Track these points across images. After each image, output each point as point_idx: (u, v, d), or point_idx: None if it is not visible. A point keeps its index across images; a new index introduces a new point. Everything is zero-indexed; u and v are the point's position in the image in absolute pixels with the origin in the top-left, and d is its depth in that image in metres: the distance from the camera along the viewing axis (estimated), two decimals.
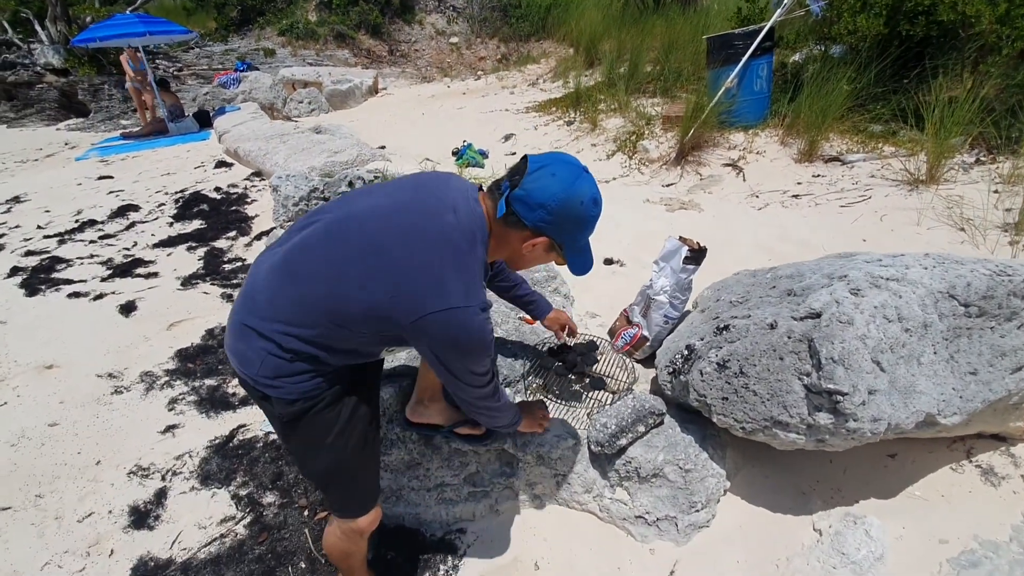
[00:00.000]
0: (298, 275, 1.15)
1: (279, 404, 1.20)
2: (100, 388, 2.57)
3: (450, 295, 1.08)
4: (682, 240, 2.07)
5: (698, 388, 1.60)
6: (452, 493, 1.80)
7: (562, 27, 12.12)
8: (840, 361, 1.32)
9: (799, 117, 4.82)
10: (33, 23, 11.71)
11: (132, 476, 2.10)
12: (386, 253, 1.11)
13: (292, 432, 1.25)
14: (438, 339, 1.11)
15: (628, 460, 1.66)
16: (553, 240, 1.17)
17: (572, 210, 1.14)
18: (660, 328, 2.12)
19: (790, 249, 3.18)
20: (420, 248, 1.11)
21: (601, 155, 5.99)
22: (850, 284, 1.48)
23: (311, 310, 1.14)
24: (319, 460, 1.29)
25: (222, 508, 1.96)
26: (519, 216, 1.14)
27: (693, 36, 7.28)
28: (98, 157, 7.66)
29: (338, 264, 1.12)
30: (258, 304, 1.18)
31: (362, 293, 1.10)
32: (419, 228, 1.12)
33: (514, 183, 1.14)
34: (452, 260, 1.10)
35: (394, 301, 1.09)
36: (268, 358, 1.16)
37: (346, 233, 1.16)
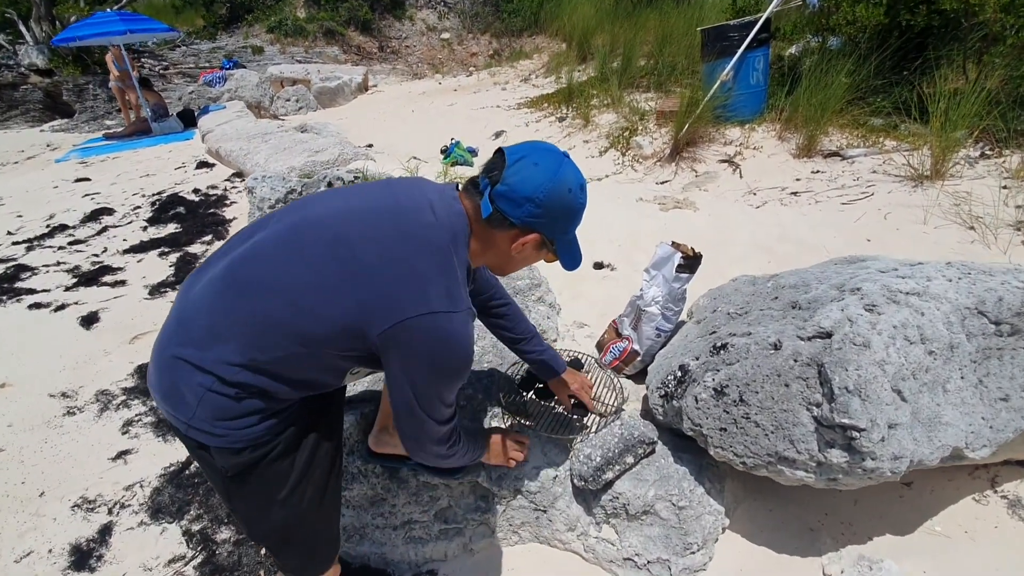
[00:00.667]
0: (247, 289, 0.97)
1: (222, 455, 1.00)
2: (52, 409, 2.39)
3: (431, 299, 0.95)
4: (675, 246, 1.90)
5: (693, 416, 1.42)
6: (421, 531, 1.62)
7: (555, 22, 11.93)
8: (856, 391, 1.14)
9: (797, 111, 4.64)
10: (18, 24, 11.46)
11: (76, 509, 1.92)
12: (356, 256, 0.96)
13: (238, 489, 1.05)
14: (414, 351, 0.96)
15: (615, 496, 1.49)
16: (544, 236, 1.06)
17: (561, 200, 1.03)
18: (652, 342, 1.94)
19: (790, 249, 3.00)
20: (395, 249, 0.97)
21: (593, 152, 5.82)
22: (865, 299, 1.31)
23: (265, 330, 0.95)
24: (271, 519, 1.09)
25: (171, 546, 1.78)
26: (505, 214, 1.02)
27: (687, 29, 7.10)
28: (79, 158, 7.44)
29: (298, 272, 0.96)
30: (193, 330, 0.98)
31: (329, 304, 0.94)
32: (393, 228, 0.99)
33: (494, 179, 1.03)
34: (432, 261, 0.98)
35: (367, 309, 0.94)
36: (208, 396, 0.96)
37: (307, 237, 0.99)
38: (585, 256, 3.14)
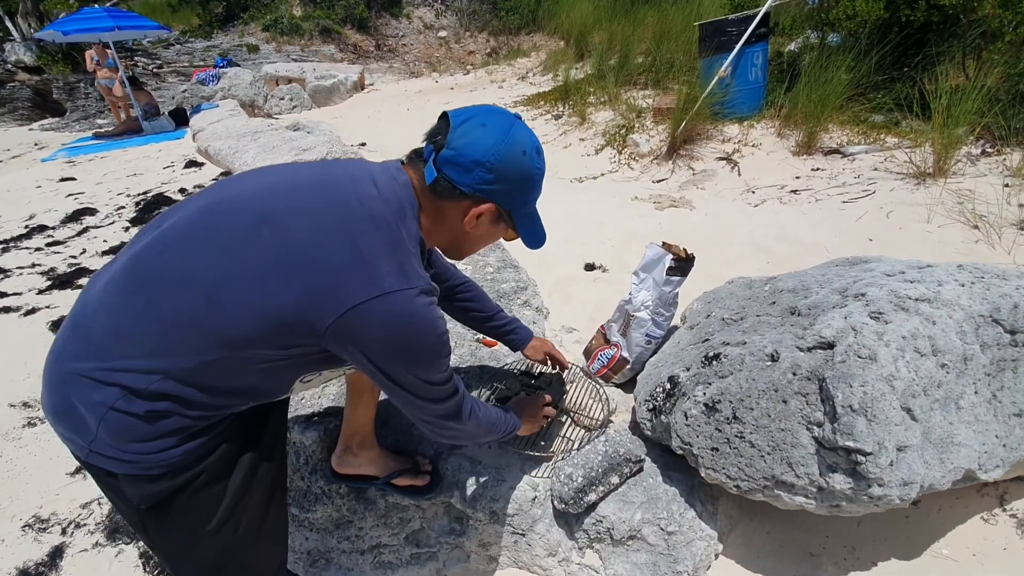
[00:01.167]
0: (153, 284, 0.83)
1: (133, 484, 0.84)
2: (11, 420, 2.27)
3: (382, 278, 0.82)
4: (666, 247, 1.78)
5: (682, 434, 1.30)
6: (391, 555, 1.51)
7: (553, 20, 11.82)
8: (861, 410, 1.02)
9: (796, 107, 4.53)
10: (5, 21, 11.33)
11: (28, 530, 1.80)
12: (285, 238, 0.82)
13: (156, 523, 0.89)
14: (374, 340, 0.83)
15: (599, 519, 1.37)
16: (499, 206, 0.94)
17: (515, 163, 0.92)
18: (642, 349, 1.82)
19: (789, 249, 2.88)
20: (333, 226, 0.84)
21: (590, 150, 5.71)
22: (870, 306, 1.19)
23: (178, 333, 0.81)
24: (199, 555, 0.93)
25: (127, 570, 1.67)
26: (453, 183, 0.90)
27: (685, 25, 7.00)
28: (66, 158, 7.33)
29: (212, 262, 0.82)
30: (92, 338, 0.83)
31: (254, 296, 0.80)
32: (329, 203, 0.86)
33: (438, 144, 0.91)
34: (378, 237, 0.85)
35: (307, 300, 0.80)
36: (110, 416, 0.80)
37: (222, 220, 0.84)
38: (576, 257, 3.00)
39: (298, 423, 1.49)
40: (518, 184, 0.94)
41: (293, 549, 1.55)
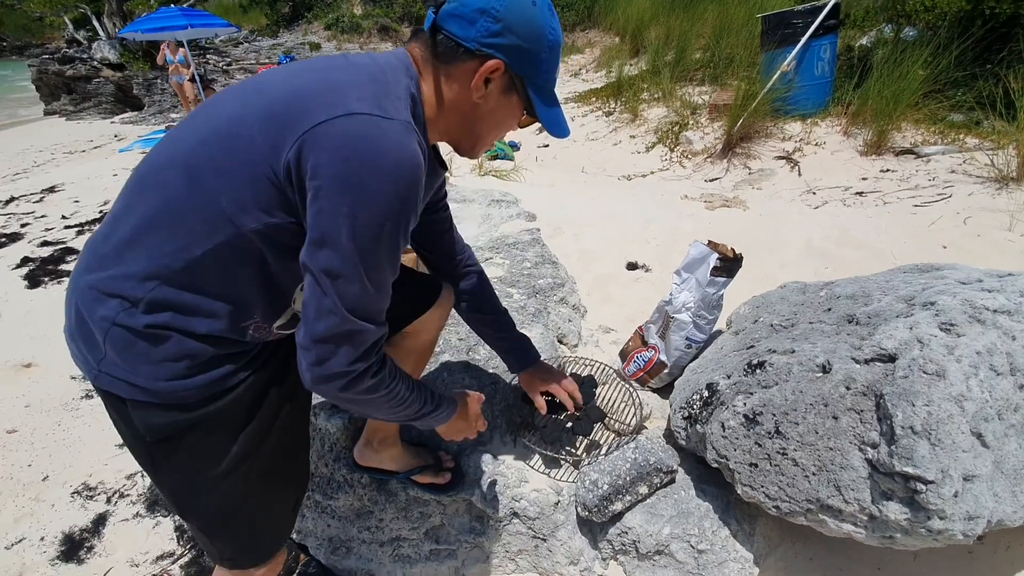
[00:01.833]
0: (146, 179, 0.80)
1: (141, 412, 0.79)
2: (70, 392, 2.40)
3: (350, 101, 0.72)
4: (711, 245, 1.67)
5: (718, 446, 1.21)
6: (410, 549, 1.48)
7: (609, 16, 11.61)
8: (924, 432, 0.91)
9: (866, 104, 4.23)
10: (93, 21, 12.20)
11: (76, 496, 1.89)
12: (263, 93, 0.78)
13: (164, 458, 0.83)
14: (328, 162, 0.70)
15: (624, 530, 1.29)
16: (509, 67, 0.82)
17: (524, 13, 0.80)
18: (681, 353, 1.73)
19: (851, 255, 2.68)
20: (312, 70, 0.79)
21: (640, 147, 5.56)
22: (941, 316, 1.06)
23: (167, 221, 0.76)
24: (204, 498, 0.88)
25: (162, 542, 1.72)
26: (456, 37, 0.80)
27: (748, 19, 6.70)
28: (141, 149, 7.80)
29: (197, 134, 0.78)
30: (97, 247, 0.80)
31: (232, 151, 0.74)
32: (319, 66, 0.81)
33: (439, 2, 0.81)
34: (356, 74, 0.78)
35: (274, 136, 0.72)
36: (114, 331, 0.76)
37: (218, 105, 0.81)
38: (618, 255, 2.89)
39: (324, 410, 1.49)
40: (529, 40, 0.81)
41: (316, 534, 1.55)
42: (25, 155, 8.54)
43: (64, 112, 11.65)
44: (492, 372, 1.65)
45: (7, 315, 3.03)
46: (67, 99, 11.73)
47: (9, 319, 2.99)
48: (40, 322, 2.94)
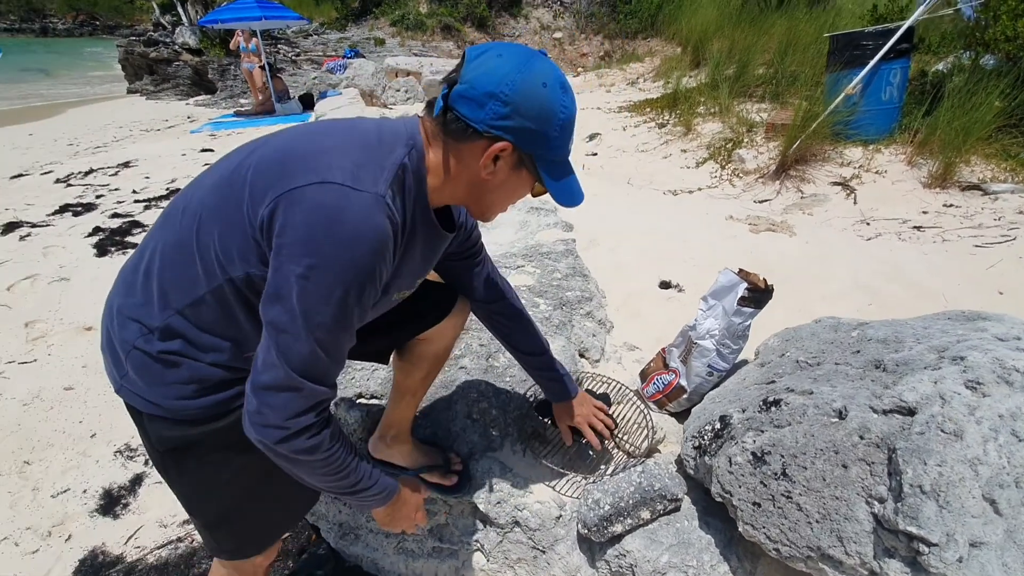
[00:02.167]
0: (170, 217, 0.89)
1: (154, 425, 0.88)
2: None
3: (329, 170, 0.77)
4: (742, 274, 1.64)
5: (723, 481, 1.20)
6: (414, 544, 1.53)
7: (672, 25, 11.43)
8: (932, 493, 0.88)
9: (935, 134, 4.02)
10: (178, 6, 12.95)
11: (118, 455, 2.04)
12: (268, 144, 0.87)
13: (174, 465, 0.93)
14: (292, 225, 0.75)
15: (622, 553, 1.30)
16: (517, 147, 0.85)
17: (533, 96, 0.81)
18: (701, 380, 1.71)
19: (899, 293, 2.57)
20: (310, 136, 0.86)
21: (690, 162, 5.46)
22: (968, 372, 1.02)
23: (178, 259, 0.85)
24: (210, 501, 0.97)
25: None
26: (465, 119, 0.82)
27: (817, 36, 6.47)
28: (210, 131, 8.24)
29: (211, 181, 0.87)
30: (127, 274, 0.91)
31: (226, 201, 0.82)
32: (319, 127, 0.88)
33: (451, 80, 0.84)
34: (351, 142, 0.83)
35: (256, 192, 0.79)
36: (133, 354, 0.85)
37: (237, 153, 0.90)
38: (652, 272, 2.86)
39: (344, 401, 1.56)
40: (538, 121, 0.83)
41: (327, 518, 1.62)
42: (106, 130, 9.16)
43: (144, 91, 12.42)
44: (510, 379, 1.68)
45: (75, 279, 3.28)
46: (148, 79, 12.50)
47: (77, 283, 3.24)
48: (104, 288, 3.14)
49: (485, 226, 2.92)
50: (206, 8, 12.80)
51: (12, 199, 4.96)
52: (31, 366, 2.48)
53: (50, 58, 22.99)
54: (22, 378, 2.40)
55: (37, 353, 2.57)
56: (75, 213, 4.45)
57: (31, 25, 39.13)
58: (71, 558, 1.66)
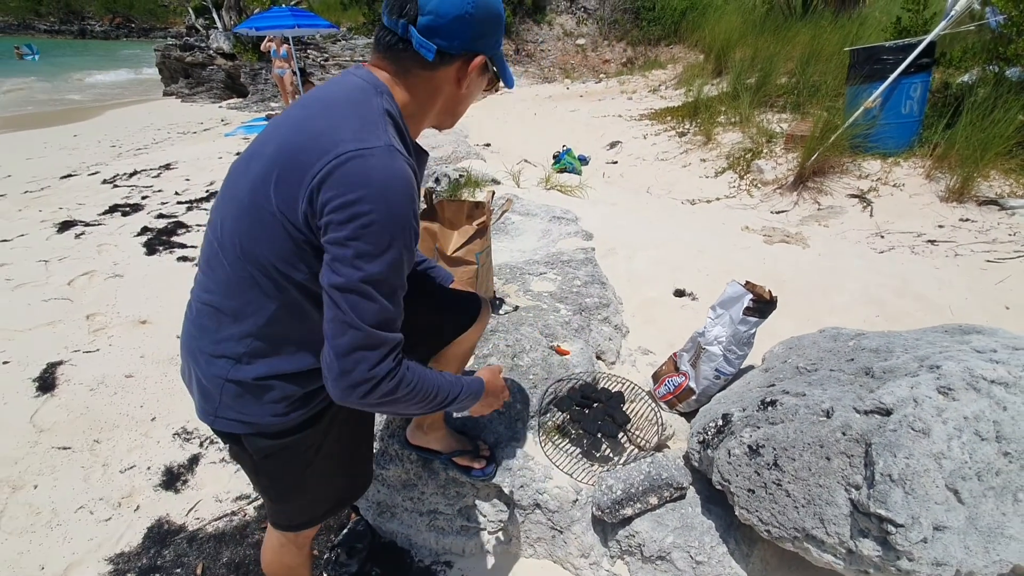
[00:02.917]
0: (219, 252, 0.93)
1: (252, 441, 0.99)
2: (176, 348, 2.80)
3: (337, 144, 0.82)
4: (748, 286, 1.79)
5: (723, 470, 1.35)
6: (444, 522, 1.70)
7: (695, 32, 11.48)
8: (900, 481, 1.02)
9: (953, 148, 4.08)
10: (212, 12, 13.41)
11: (176, 437, 2.25)
12: (266, 154, 0.89)
13: (268, 468, 1.05)
14: (333, 198, 0.80)
15: (632, 533, 1.45)
16: (485, 56, 0.93)
17: (486, 7, 0.90)
18: (709, 383, 1.85)
19: (907, 306, 2.67)
20: (295, 128, 0.89)
21: (709, 172, 5.57)
22: (941, 379, 1.15)
23: (240, 282, 0.91)
24: (288, 489, 1.11)
25: (241, 485, 2.04)
26: (441, 48, 0.89)
27: (841, 46, 6.51)
28: (243, 134, 8.57)
29: (234, 207, 0.92)
30: (195, 317, 0.99)
31: (259, 213, 0.86)
32: (293, 116, 0.92)
33: (408, 14, 0.87)
34: (335, 116, 0.86)
35: (285, 192, 0.84)
36: (227, 387, 0.95)
37: (236, 175, 0.94)
38: (667, 281, 3.04)
39: None
40: (493, 26, 0.92)
41: (366, 498, 1.81)
42: (146, 132, 9.57)
43: (180, 94, 12.89)
44: (532, 376, 1.84)
45: (128, 276, 3.54)
46: (184, 82, 12.97)
47: (130, 280, 3.49)
48: (154, 285, 3.41)
49: (509, 234, 3.10)
50: (240, 14, 13.24)
51: (64, 199, 5.28)
52: (95, 355, 2.72)
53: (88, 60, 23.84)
54: (87, 366, 2.64)
55: (99, 343, 2.81)
56: (124, 213, 4.74)
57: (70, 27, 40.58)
58: (140, 526, 1.87)
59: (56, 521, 1.88)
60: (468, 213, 1.96)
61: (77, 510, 1.91)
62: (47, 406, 2.38)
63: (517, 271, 2.51)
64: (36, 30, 39.61)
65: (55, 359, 2.67)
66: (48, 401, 2.41)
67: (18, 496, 1.97)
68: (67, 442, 2.19)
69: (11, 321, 2.99)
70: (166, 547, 1.80)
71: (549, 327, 2.07)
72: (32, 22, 40.57)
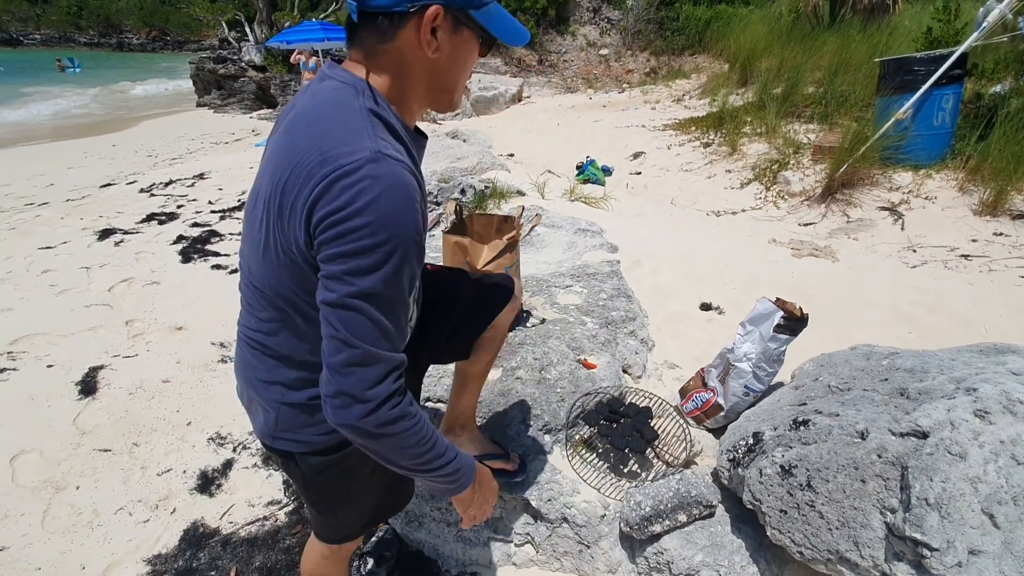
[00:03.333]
0: (252, 302, 0.98)
1: (305, 459, 1.03)
2: (211, 355, 2.90)
3: (327, 162, 0.77)
4: (779, 303, 1.78)
5: (754, 490, 1.34)
6: (471, 533, 1.72)
7: (720, 42, 11.43)
8: (936, 505, 1.01)
9: (987, 160, 4.00)
10: (245, 26, 13.82)
11: (211, 442, 2.32)
12: (262, 188, 0.88)
13: (317, 483, 1.08)
14: (328, 214, 0.77)
15: (660, 550, 1.45)
16: (448, 8, 0.82)
17: None
18: (738, 399, 1.84)
19: (939, 323, 2.62)
20: (281, 154, 0.86)
21: (735, 183, 5.53)
22: (978, 402, 1.14)
23: (273, 315, 0.94)
24: (340, 504, 1.14)
25: (272, 491, 2.09)
26: (387, 8, 0.80)
27: (870, 56, 6.43)
28: None
29: (248, 245, 0.95)
30: (248, 348, 1.01)
31: (264, 235, 0.87)
32: (279, 144, 0.89)
33: None
34: (317, 132, 0.82)
35: (286, 221, 0.82)
36: (283, 409, 0.98)
37: (250, 219, 0.95)
38: (693, 294, 3.08)
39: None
40: None
41: None
42: (180, 142, 9.89)
43: (212, 105, 13.29)
44: (560, 390, 1.86)
45: (165, 283, 3.66)
46: (216, 94, 13.37)
47: (166, 287, 3.61)
48: (190, 292, 3.52)
49: (535, 246, 3.13)
50: (271, 27, 13.62)
51: (104, 207, 5.49)
52: (133, 360, 2.82)
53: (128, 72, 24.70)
54: (126, 370, 2.74)
55: (137, 348, 2.91)
56: (160, 222, 4.91)
57: (109, 40, 42.20)
58: (176, 528, 1.93)
59: (97, 522, 1.95)
60: (497, 227, 1.99)
61: (117, 511, 1.98)
62: (89, 409, 2.48)
63: (544, 283, 2.54)
64: (76, 43, 41.29)
65: (96, 363, 2.78)
66: (90, 404, 2.51)
67: (61, 496, 2.05)
68: (107, 444, 2.27)
69: (55, 326, 3.11)
70: (201, 550, 1.85)
71: (576, 340, 2.09)
72: (73, 35, 42.30)
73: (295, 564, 1.80)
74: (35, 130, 12.14)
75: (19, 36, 41.72)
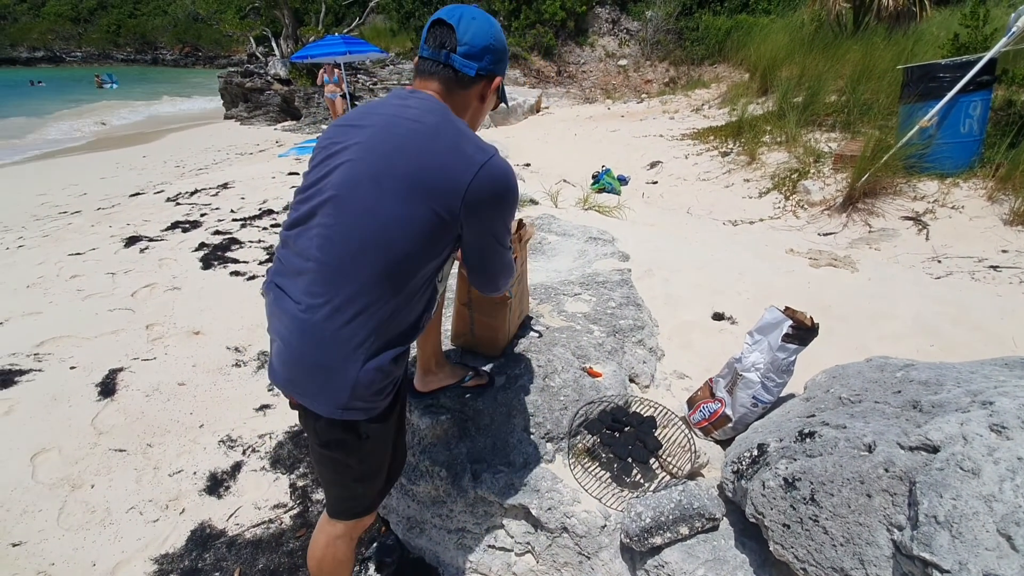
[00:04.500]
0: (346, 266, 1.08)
1: (367, 425, 1.16)
2: (225, 359, 2.95)
3: (471, 158, 1.09)
4: (788, 312, 1.74)
5: (757, 503, 1.30)
6: (472, 541, 1.71)
7: (740, 51, 11.34)
8: (946, 524, 0.96)
9: (1018, 168, 3.87)
10: (271, 41, 14.20)
11: (222, 444, 2.35)
12: (396, 177, 1.07)
13: (365, 445, 1.19)
14: (492, 198, 1.11)
15: (661, 563, 1.42)
16: (499, 77, 1.23)
17: (501, 39, 1.20)
18: (746, 410, 1.80)
19: (964, 336, 2.53)
20: (420, 148, 1.09)
21: (753, 192, 5.45)
22: (993, 416, 1.09)
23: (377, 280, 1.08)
24: (377, 468, 1.27)
25: (279, 494, 2.11)
26: (474, 71, 1.17)
27: (895, 63, 6.30)
28: (296, 155, 8.97)
29: (371, 221, 1.07)
30: (320, 329, 1.09)
31: (403, 222, 1.06)
32: (402, 141, 1.10)
33: (449, 45, 1.16)
34: (449, 135, 1.11)
35: (439, 203, 1.07)
36: (359, 379, 1.09)
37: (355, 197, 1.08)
38: (706, 304, 3.09)
39: (417, 408, 1.77)
40: (504, 54, 1.22)
41: (397, 512, 1.83)
42: (207, 153, 10.16)
43: (239, 117, 13.64)
44: (563, 398, 1.84)
45: (185, 289, 3.75)
46: (243, 106, 13.73)
47: (186, 292, 3.70)
48: (208, 298, 3.60)
49: (545, 254, 3.12)
50: (296, 42, 13.97)
51: (132, 215, 5.66)
52: (151, 363, 2.88)
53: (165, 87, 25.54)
54: (144, 373, 2.80)
55: (156, 352, 2.98)
56: (184, 230, 5.04)
57: (144, 56, 43.85)
58: (184, 528, 1.96)
59: (109, 520, 1.99)
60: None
61: (128, 510, 2.01)
62: (107, 410, 2.54)
63: (552, 291, 2.52)
64: (114, 59, 43.00)
65: (116, 366, 2.85)
66: (108, 405, 2.57)
67: (76, 495, 2.09)
68: (123, 445, 2.32)
69: (80, 328, 3.21)
70: (207, 550, 1.87)
71: (582, 348, 2.07)
72: (111, 52, 44.07)
73: (298, 568, 1.80)
74: (72, 142, 12.63)
75: (61, 54, 43.67)
